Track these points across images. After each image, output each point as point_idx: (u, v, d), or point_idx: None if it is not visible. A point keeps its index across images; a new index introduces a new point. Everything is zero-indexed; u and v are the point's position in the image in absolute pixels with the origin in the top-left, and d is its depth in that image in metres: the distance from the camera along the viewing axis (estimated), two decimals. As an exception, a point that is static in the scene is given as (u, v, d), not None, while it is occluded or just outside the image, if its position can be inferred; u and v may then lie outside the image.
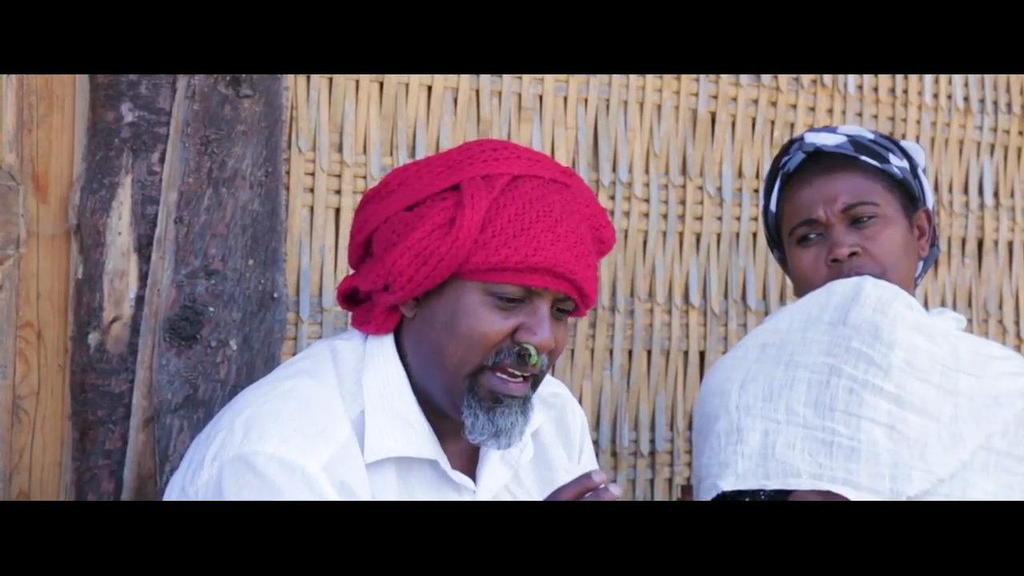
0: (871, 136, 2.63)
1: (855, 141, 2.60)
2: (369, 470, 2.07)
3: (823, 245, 2.57)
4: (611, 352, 3.12)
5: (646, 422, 3.17)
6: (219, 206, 2.51)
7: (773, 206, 2.65)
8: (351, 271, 2.26)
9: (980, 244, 3.63)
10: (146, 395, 2.45)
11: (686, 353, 3.22)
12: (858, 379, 2.46)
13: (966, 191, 3.60)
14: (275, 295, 2.56)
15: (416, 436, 2.12)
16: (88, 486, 2.44)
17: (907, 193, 2.61)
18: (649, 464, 3.17)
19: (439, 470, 2.14)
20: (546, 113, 3.02)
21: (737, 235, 3.27)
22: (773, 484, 2.45)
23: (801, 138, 2.63)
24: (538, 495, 2.25)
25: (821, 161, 2.59)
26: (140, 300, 2.46)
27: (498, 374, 2.09)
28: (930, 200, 2.65)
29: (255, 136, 2.54)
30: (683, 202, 3.20)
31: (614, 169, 3.11)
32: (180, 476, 2.12)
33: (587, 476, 1.92)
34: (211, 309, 2.49)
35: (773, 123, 3.31)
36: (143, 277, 2.46)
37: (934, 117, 3.53)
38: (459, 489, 2.15)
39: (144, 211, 2.46)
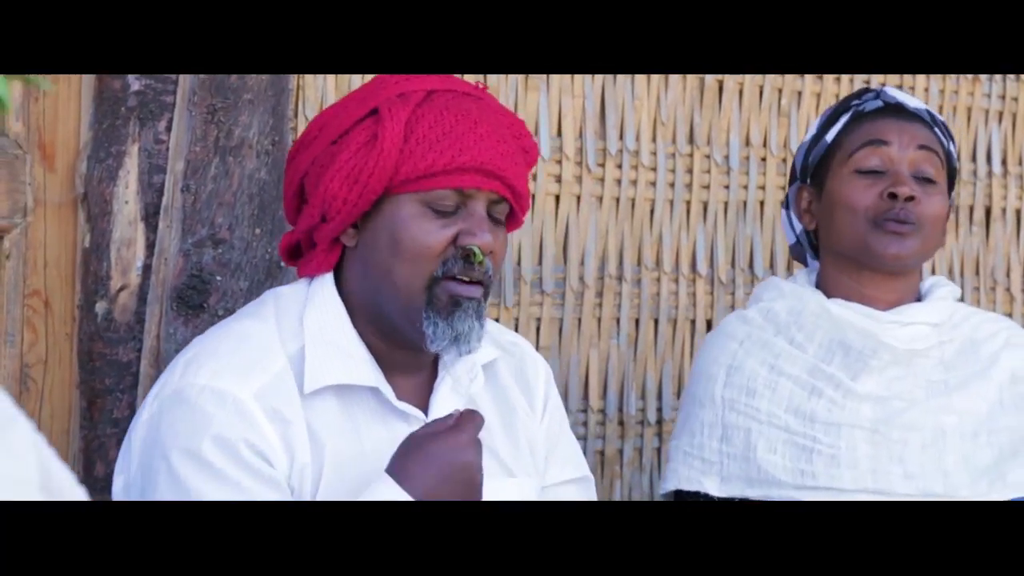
0: (942, 119, 2.66)
1: (931, 113, 2.63)
2: (309, 400, 2.11)
3: (881, 181, 2.56)
4: (618, 321, 3.13)
5: (653, 391, 3.17)
6: (226, 175, 2.51)
7: (830, 137, 2.63)
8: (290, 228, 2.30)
9: (988, 212, 3.63)
10: (153, 364, 2.45)
11: (693, 322, 3.23)
12: (838, 401, 2.53)
13: (974, 159, 3.60)
14: (282, 264, 2.56)
15: (355, 364, 2.15)
16: (96, 454, 2.44)
17: (951, 179, 2.63)
18: (656, 433, 3.18)
19: (383, 399, 2.16)
20: (553, 82, 3.01)
21: (744, 204, 3.27)
22: (755, 494, 2.49)
23: (880, 90, 2.63)
24: (498, 428, 2.27)
25: (900, 114, 2.60)
26: (147, 269, 2.46)
27: (451, 283, 2.13)
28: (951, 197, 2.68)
29: (262, 105, 2.54)
30: (690, 171, 3.20)
31: (621, 138, 3.10)
32: (131, 423, 2.17)
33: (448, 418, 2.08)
34: (218, 278, 2.49)
35: (780, 91, 3.30)
36: (150, 246, 2.46)
37: (942, 84, 3.52)
38: (407, 419, 2.17)
39: (151, 180, 2.46)
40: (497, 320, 2.83)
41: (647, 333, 3.16)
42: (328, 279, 2.19)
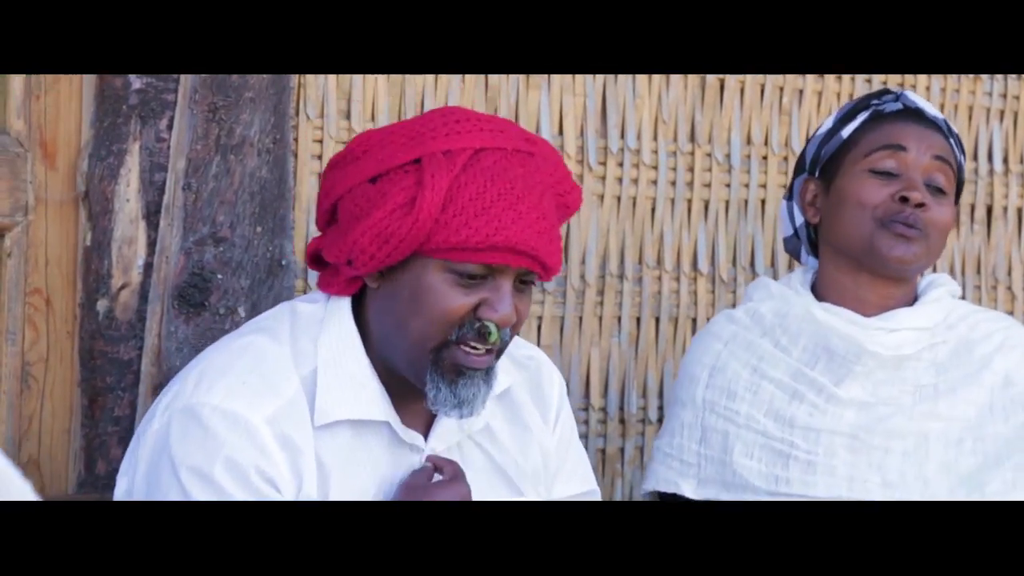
0: (956, 131, 2.67)
1: (947, 123, 2.63)
2: (321, 430, 2.11)
3: (894, 183, 2.55)
4: (619, 319, 3.13)
5: (654, 389, 3.17)
6: (227, 173, 2.51)
7: (846, 133, 2.62)
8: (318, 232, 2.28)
9: (989, 211, 3.63)
10: (155, 362, 2.45)
11: (694, 320, 3.22)
12: (819, 407, 2.52)
13: (975, 157, 3.59)
14: (283, 262, 2.56)
15: (368, 398, 2.15)
16: (97, 452, 2.45)
17: (958, 191, 2.64)
18: (657, 431, 3.18)
19: (393, 430, 2.17)
20: (554, 80, 3.01)
21: (746, 202, 3.27)
22: (730, 498, 2.50)
23: (900, 92, 2.63)
24: (516, 453, 2.28)
25: (919, 120, 2.60)
26: (148, 267, 2.46)
27: (461, 347, 2.11)
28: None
29: (263, 103, 2.54)
30: (691, 169, 3.20)
31: (622, 136, 3.10)
32: (139, 426, 2.16)
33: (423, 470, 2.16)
34: (219, 276, 2.49)
35: (782, 90, 3.30)
36: (151, 244, 2.47)
37: (943, 83, 3.52)
38: (413, 447, 2.19)
39: (152, 178, 2.46)
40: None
41: (648, 332, 3.16)
42: (345, 304, 2.18)
